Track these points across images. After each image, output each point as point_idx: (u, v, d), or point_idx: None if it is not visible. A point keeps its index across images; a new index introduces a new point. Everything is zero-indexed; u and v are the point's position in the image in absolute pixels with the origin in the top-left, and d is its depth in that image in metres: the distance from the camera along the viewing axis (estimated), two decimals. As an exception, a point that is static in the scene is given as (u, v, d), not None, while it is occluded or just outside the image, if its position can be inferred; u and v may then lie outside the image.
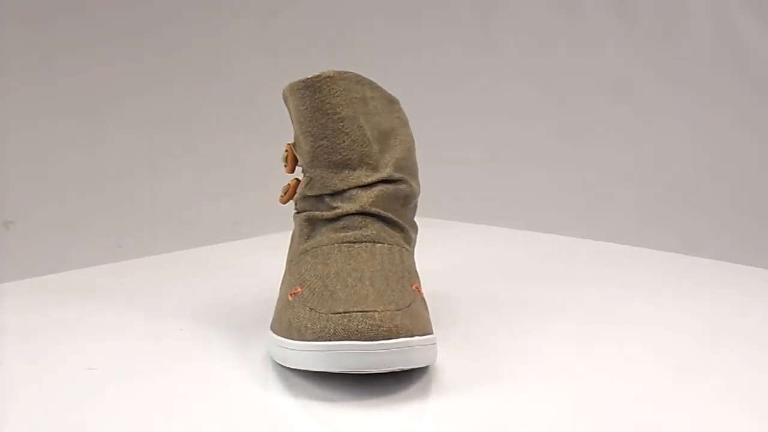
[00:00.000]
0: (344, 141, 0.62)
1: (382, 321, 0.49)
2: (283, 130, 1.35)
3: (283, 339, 0.52)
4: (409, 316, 0.51)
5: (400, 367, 0.50)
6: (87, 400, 0.51)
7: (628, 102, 1.36)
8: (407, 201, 0.64)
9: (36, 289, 0.80)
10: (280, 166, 0.71)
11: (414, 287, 0.56)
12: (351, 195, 0.61)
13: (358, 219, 0.60)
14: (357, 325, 0.49)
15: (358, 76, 0.63)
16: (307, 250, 0.60)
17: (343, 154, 0.62)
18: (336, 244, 0.59)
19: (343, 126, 0.61)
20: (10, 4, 1.30)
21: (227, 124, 1.35)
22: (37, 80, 1.33)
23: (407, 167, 0.64)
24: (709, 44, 1.35)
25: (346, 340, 0.49)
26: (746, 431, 0.47)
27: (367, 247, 0.59)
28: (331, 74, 0.62)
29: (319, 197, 0.63)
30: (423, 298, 0.56)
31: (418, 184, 0.66)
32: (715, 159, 1.36)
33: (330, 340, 0.49)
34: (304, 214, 0.63)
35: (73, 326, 0.67)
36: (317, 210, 0.62)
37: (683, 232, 1.30)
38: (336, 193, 0.62)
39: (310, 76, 0.62)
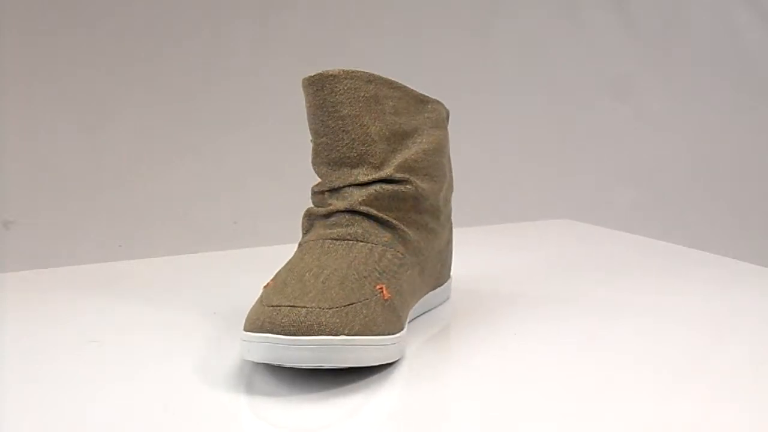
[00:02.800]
0: (343, 139, 0.62)
1: (305, 317, 0.50)
2: (284, 131, 1.36)
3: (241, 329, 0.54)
4: (343, 315, 0.51)
5: (320, 365, 0.50)
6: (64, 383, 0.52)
7: (628, 102, 1.36)
8: (417, 203, 0.63)
9: (30, 282, 0.82)
10: (280, 166, 0.71)
11: (378, 287, 0.56)
12: (345, 193, 0.62)
13: (346, 217, 0.61)
14: (281, 319, 0.50)
15: (371, 75, 0.62)
16: (300, 245, 0.61)
17: (342, 152, 0.62)
18: (320, 240, 0.60)
19: (343, 124, 0.61)
20: (10, 4, 1.30)
21: (227, 124, 1.35)
22: (38, 80, 1.33)
23: (420, 168, 0.63)
24: (709, 44, 1.36)
25: (269, 332, 0.50)
26: (746, 424, 0.47)
27: (346, 245, 0.59)
28: (335, 72, 0.62)
29: (321, 194, 0.63)
30: (388, 299, 0.56)
31: (439, 187, 0.65)
32: (714, 158, 1.36)
33: (257, 332, 0.50)
34: (307, 209, 0.64)
35: (65, 318, 0.69)
36: (319, 206, 0.63)
37: (683, 231, 1.30)
38: (333, 190, 0.62)
39: (312, 74, 0.62)
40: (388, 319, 0.55)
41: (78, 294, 0.76)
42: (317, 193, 0.63)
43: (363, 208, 0.60)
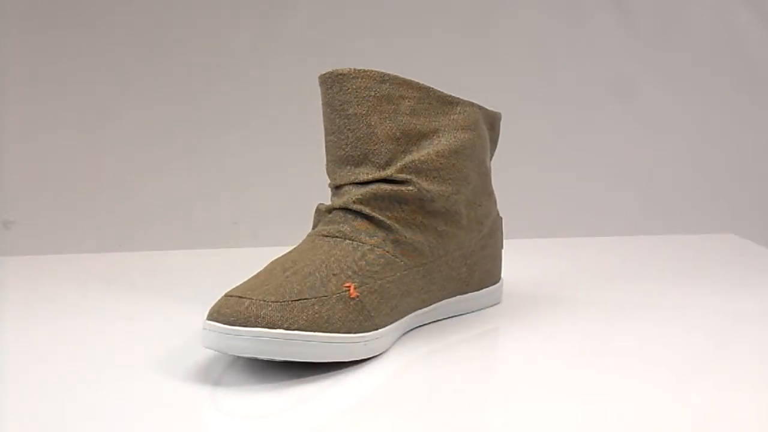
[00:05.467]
0: (348, 138, 0.62)
1: (246, 308, 0.52)
2: (285, 131, 1.36)
3: None
4: (287, 309, 0.52)
5: (256, 356, 0.52)
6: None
7: (628, 102, 1.36)
8: (423, 204, 0.63)
9: (24, 273, 0.83)
10: (281, 166, 0.74)
11: (345, 286, 0.56)
12: (344, 191, 0.63)
13: (340, 214, 0.62)
14: (225, 309, 0.52)
15: (385, 75, 0.62)
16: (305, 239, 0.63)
17: (346, 150, 0.62)
18: (314, 236, 0.61)
19: (348, 123, 0.62)
20: (10, 5, 1.30)
21: (228, 124, 1.35)
22: (38, 80, 1.32)
23: (430, 170, 0.63)
24: (709, 44, 1.36)
25: (214, 321, 0.52)
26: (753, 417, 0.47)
27: (333, 241, 0.60)
28: (345, 71, 0.62)
29: (331, 190, 0.65)
30: (354, 298, 0.56)
31: (455, 189, 0.64)
32: (714, 158, 1.36)
33: (208, 319, 0.53)
34: (317, 205, 0.65)
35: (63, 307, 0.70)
36: (329, 202, 0.64)
37: (682, 230, 1.30)
38: (336, 188, 0.64)
39: (323, 72, 0.63)
40: (350, 317, 0.55)
41: (70, 286, 0.77)
42: (330, 189, 0.65)
43: (356, 207, 0.61)
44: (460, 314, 0.68)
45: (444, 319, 0.67)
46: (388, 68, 0.64)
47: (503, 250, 0.73)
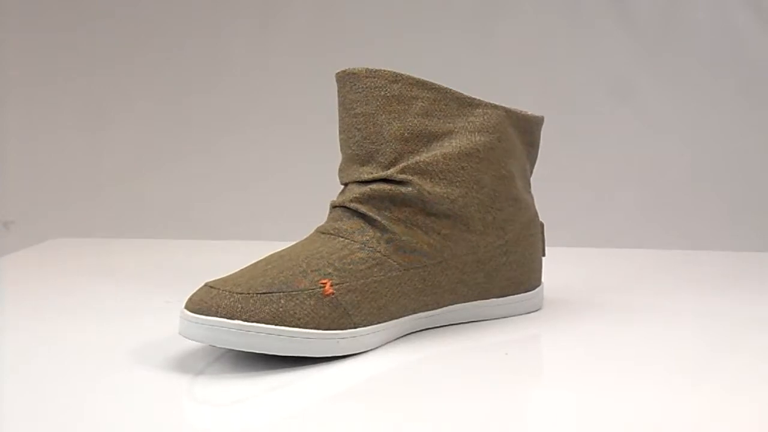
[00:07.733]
0: (356, 136, 0.63)
1: (211, 298, 0.53)
2: (284, 131, 1.35)
3: None
4: (251, 301, 0.53)
5: (214, 344, 0.53)
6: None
7: (628, 102, 1.36)
8: (426, 206, 0.62)
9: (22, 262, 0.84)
10: (282, 166, 0.74)
11: (321, 282, 0.56)
12: (347, 189, 0.64)
13: (338, 212, 0.62)
14: (194, 298, 0.54)
15: (398, 75, 0.62)
16: None
17: (353, 149, 0.63)
18: (315, 232, 0.62)
19: (356, 122, 0.62)
20: (11, 4, 1.30)
21: (227, 124, 1.35)
22: (38, 80, 1.32)
23: (435, 172, 0.62)
24: (709, 44, 1.35)
25: (185, 308, 0.54)
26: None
27: (327, 238, 0.60)
28: (357, 71, 0.62)
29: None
30: (329, 295, 0.56)
31: (463, 192, 0.63)
32: (715, 159, 1.36)
33: (183, 308, 0.54)
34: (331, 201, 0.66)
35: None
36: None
37: (683, 233, 1.30)
38: (344, 186, 0.64)
39: (338, 71, 0.64)
40: (322, 314, 0.55)
41: (68, 276, 0.78)
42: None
43: (353, 205, 0.61)
44: (483, 320, 0.67)
45: (463, 323, 0.66)
46: (403, 69, 0.63)
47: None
